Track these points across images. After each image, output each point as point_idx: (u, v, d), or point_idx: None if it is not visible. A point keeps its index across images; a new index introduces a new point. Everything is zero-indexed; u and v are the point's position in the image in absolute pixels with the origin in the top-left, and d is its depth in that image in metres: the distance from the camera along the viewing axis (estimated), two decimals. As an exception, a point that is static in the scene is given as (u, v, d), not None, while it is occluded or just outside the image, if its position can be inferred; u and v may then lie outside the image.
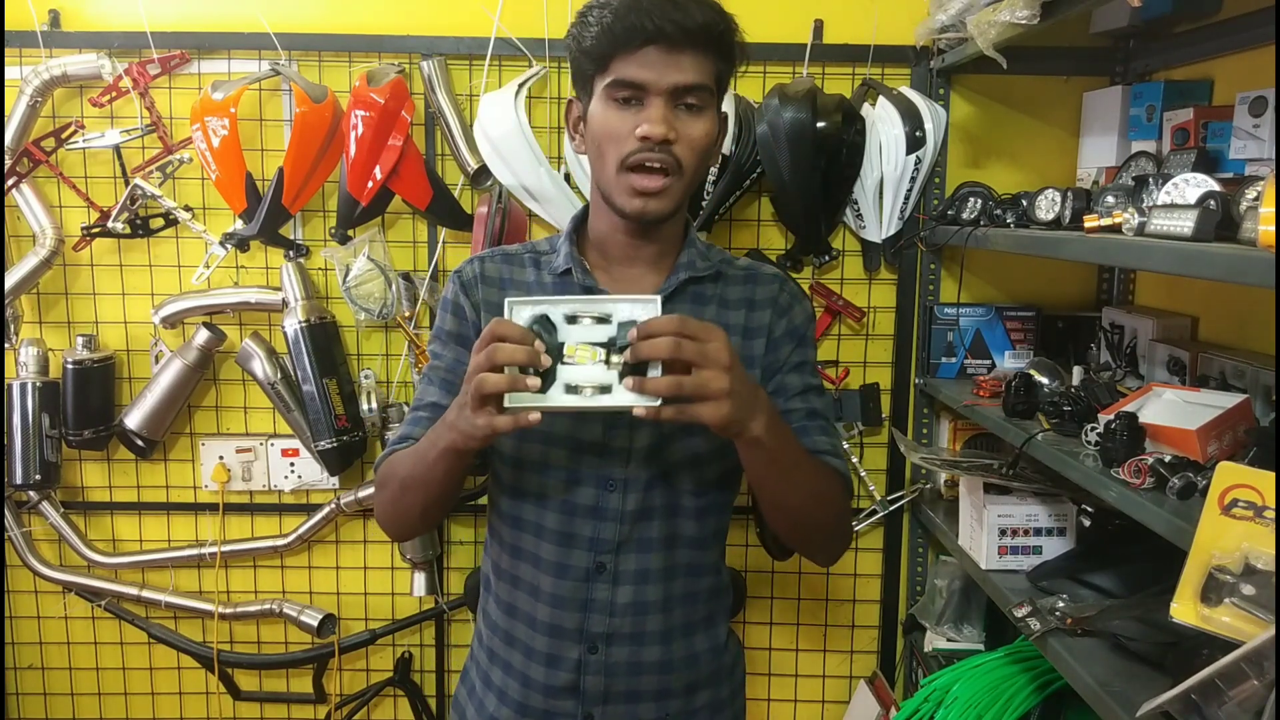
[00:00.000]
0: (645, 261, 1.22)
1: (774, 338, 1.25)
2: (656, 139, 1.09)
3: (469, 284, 1.25)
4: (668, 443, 1.20)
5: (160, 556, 2.22)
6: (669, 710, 1.26)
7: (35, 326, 2.17)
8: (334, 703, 2.26)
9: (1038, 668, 1.65)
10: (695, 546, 1.25)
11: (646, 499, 1.20)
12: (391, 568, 2.25)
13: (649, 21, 1.07)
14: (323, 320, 2.05)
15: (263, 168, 2.08)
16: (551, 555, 1.21)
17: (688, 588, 1.26)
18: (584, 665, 1.22)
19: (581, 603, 1.21)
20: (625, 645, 1.22)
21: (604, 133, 1.12)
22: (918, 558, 2.19)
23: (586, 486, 1.20)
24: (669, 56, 1.09)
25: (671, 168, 1.11)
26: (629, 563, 1.21)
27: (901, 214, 2.04)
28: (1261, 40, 1.58)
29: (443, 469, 1.12)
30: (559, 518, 1.21)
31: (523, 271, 1.26)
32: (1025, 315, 2.01)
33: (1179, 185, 1.26)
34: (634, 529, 1.20)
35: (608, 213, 1.19)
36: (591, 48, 1.11)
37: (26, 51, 2.02)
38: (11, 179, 2.03)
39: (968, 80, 2.06)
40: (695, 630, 1.27)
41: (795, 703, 2.29)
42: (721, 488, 1.26)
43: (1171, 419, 1.34)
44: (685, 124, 1.11)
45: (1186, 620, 1.04)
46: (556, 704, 1.24)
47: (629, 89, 1.10)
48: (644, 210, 1.13)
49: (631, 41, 1.08)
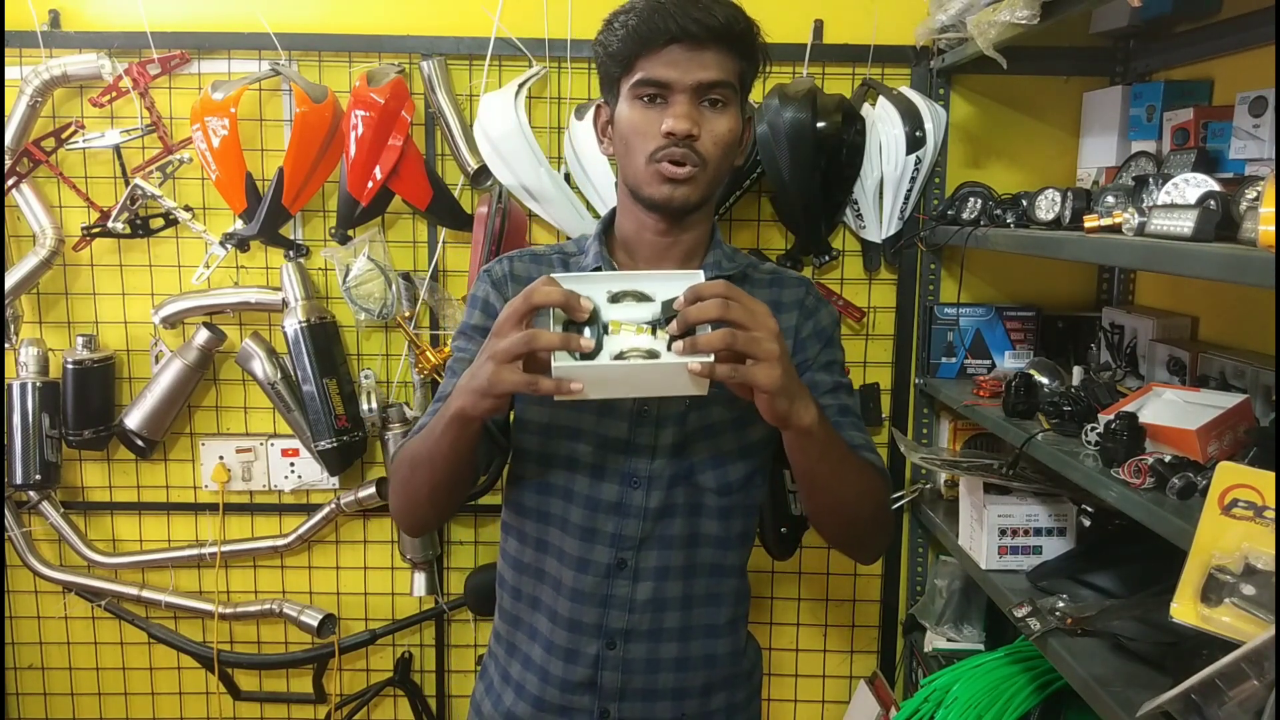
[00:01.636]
0: (672, 262, 1.23)
1: (801, 338, 1.26)
2: (681, 134, 1.11)
3: (499, 281, 1.27)
4: (692, 441, 1.21)
5: (160, 556, 2.22)
6: (685, 710, 1.26)
7: (35, 326, 2.17)
8: (334, 703, 2.26)
9: (1038, 668, 1.65)
10: (718, 546, 1.25)
11: (670, 496, 1.21)
12: (391, 568, 2.25)
13: (672, 22, 1.10)
14: (323, 320, 2.05)
15: (263, 168, 2.08)
16: (574, 550, 1.22)
17: (710, 588, 1.26)
18: (602, 660, 1.23)
19: (602, 598, 1.22)
20: (643, 642, 1.23)
21: (631, 130, 1.15)
22: (918, 558, 2.19)
23: (611, 483, 1.21)
24: (692, 54, 1.11)
25: (695, 162, 1.13)
26: (650, 559, 1.22)
27: (901, 214, 2.04)
28: (1261, 40, 1.58)
29: (449, 440, 1.09)
30: (583, 513, 1.22)
31: (551, 271, 1.26)
32: (1025, 315, 2.01)
33: (1179, 185, 1.26)
34: (656, 526, 1.21)
35: (635, 211, 1.21)
36: (617, 50, 1.14)
37: (26, 51, 2.02)
38: (11, 179, 2.03)
39: (968, 80, 2.06)
40: (717, 633, 1.28)
41: (795, 703, 2.29)
42: (745, 489, 1.26)
43: (1171, 419, 1.34)
44: (709, 120, 1.14)
45: (1186, 620, 1.04)
46: (573, 699, 1.24)
47: (654, 87, 1.13)
48: (672, 197, 1.14)
49: (655, 41, 1.11)
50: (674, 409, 1.21)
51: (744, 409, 1.18)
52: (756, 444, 1.25)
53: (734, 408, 1.21)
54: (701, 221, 1.23)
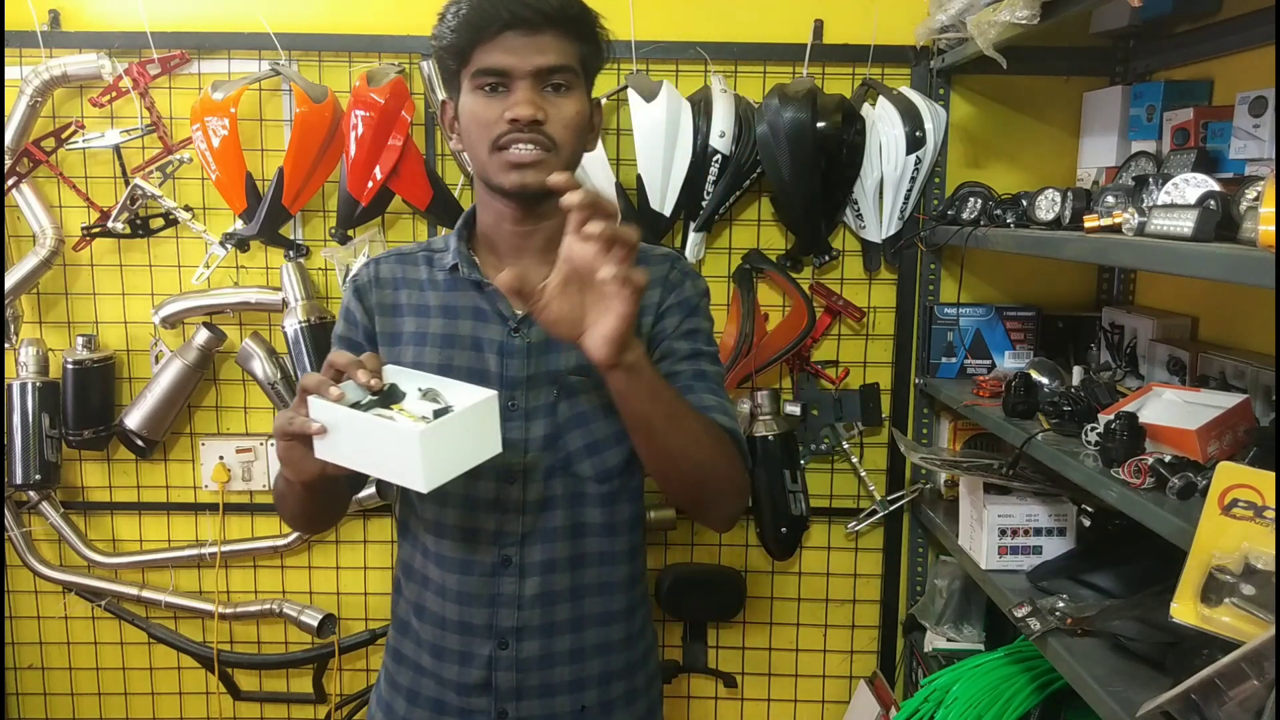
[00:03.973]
0: (532, 253, 1.22)
1: (662, 311, 1.25)
2: (525, 120, 1.10)
3: (363, 289, 1.28)
4: (564, 430, 1.20)
5: (160, 557, 2.22)
6: (584, 702, 1.26)
7: (35, 326, 2.17)
8: (334, 703, 2.26)
9: (1038, 668, 1.65)
10: (604, 534, 1.25)
11: (548, 488, 1.21)
12: (391, 568, 2.25)
13: (504, 9, 1.09)
14: (323, 320, 2.05)
15: (263, 168, 2.08)
16: (455, 552, 1.22)
17: (601, 577, 1.26)
18: (495, 661, 1.22)
19: (489, 598, 1.22)
20: (535, 638, 1.23)
21: (473, 121, 1.14)
22: (918, 558, 2.19)
23: (485, 480, 1.20)
24: (529, 39, 1.10)
25: (545, 146, 1.12)
26: (534, 554, 1.21)
27: (901, 214, 2.03)
28: (1261, 40, 1.58)
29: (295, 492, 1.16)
30: (460, 513, 1.21)
31: (416, 270, 1.27)
32: (1025, 315, 2.01)
33: (1179, 185, 1.26)
34: (538, 519, 1.21)
35: (492, 203, 1.21)
36: (452, 43, 1.13)
37: (26, 51, 2.02)
38: (11, 179, 2.03)
39: (968, 80, 2.06)
40: (611, 619, 1.27)
41: (795, 703, 2.29)
42: (625, 473, 1.25)
43: (1171, 419, 1.34)
44: (554, 104, 1.13)
45: (1186, 620, 1.04)
46: (471, 701, 1.24)
47: (493, 76, 1.12)
48: (523, 182, 1.13)
49: (489, 28, 1.10)
50: (542, 401, 1.20)
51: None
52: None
53: (603, 393, 1.18)
54: (558, 210, 1.21)
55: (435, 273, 1.26)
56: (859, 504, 2.20)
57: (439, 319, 1.23)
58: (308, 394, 1.03)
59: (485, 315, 1.22)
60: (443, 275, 1.25)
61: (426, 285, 1.26)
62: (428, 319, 1.24)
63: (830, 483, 2.20)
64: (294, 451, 1.06)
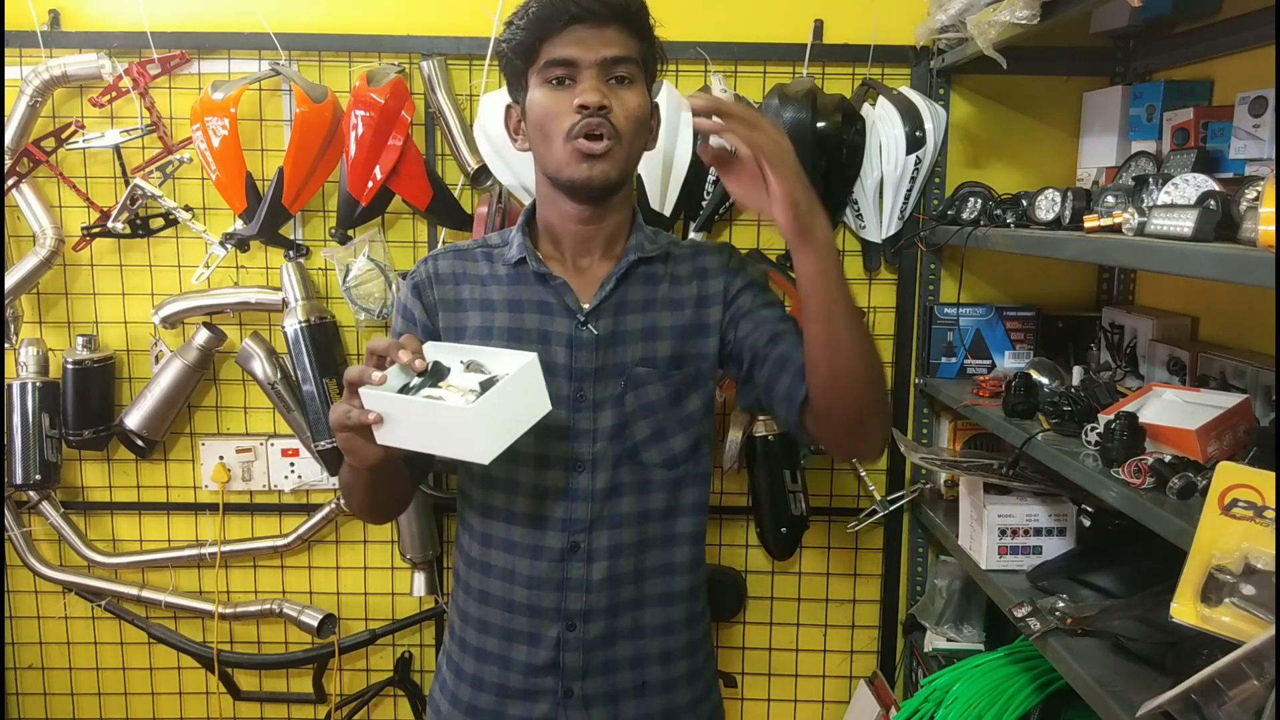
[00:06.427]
0: (596, 249, 1.26)
1: (731, 293, 1.28)
2: (594, 105, 1.13)
3: (422, 285, 1.29)
4: (631, 421, 1.23)
5: (160, 557, 2.21)
6: (646, 677, 1.29)
7: (35, 326, 2.17)
8: (334, 703, 2.26)
9: (1038, 668, 1.65)
10: (669, 518, 1.28)
11: (615, 476, 1.24)
12: (391, 568, 2.25)
13: (571, 3, 1.13)
14: (323, 320, 2.05)
15: (263, 168, 2.08)
16: (525, 539, 1.25)
17: (664, 559, 1.28)
18: (563, 642, 1.25)
19: (559, 582, 1.24)
20: (601, 619, 1.26)
21: (544, 115, 1.17)
22: (918, 558, 2.19)
23: (555, 469, 1.23)
24: (594, 32, 1.14)
25: (611, 134, 1.15)
26: (601, 540, 1.24)
27: (901, 214, 2.03)
28: (1261, 40, 1.58)
29: (362, 480, 1.19)
30: (530, 501, 1.24)
31: (475, 265, 1.29)
32: (1025, 315, 2.01)
33: (1179, 185, 1.27)
34: (605, 506, 1.24)
35: (557, 201, 1.23)
36: (521, 40, 1.17)
37: (26, 51, 2.02)
38: (11, 179, 2.03)
39: (968, 80, 2.06)
40: (673, 600, 1.30)
41: (795, 703, 2.29)
42: (692, 459, 1.28)
43: (1171, 419, 1.34)
44: (618, 96, 1.16)
45: (1186, 620, 1.04)
46: (537, 681, 1.26)
47: (562, 67, 1.15)
48: (591, 176, 1.16)
49: (556, 23, 1.14)
50: (610, 392, 1.23)
51: (678, 384, 1.24)
52: (694, 414, 1.27)
53: (668, 383, 1.24)
54: (622, 205, 1.26)
55: (497, 267, 1.28)
56: (859, 504, 2.20)
57: (504, 313, 1.25)
58: (353, 386, 1.06)
59: (551, 309, 1.24)
60: (505, 269, 1.27)
61: (489, 280, 1.27)
62: (493, 313, 1.25)
63: (830, 482, 2.20)
64: (354, 442, 1.09)
